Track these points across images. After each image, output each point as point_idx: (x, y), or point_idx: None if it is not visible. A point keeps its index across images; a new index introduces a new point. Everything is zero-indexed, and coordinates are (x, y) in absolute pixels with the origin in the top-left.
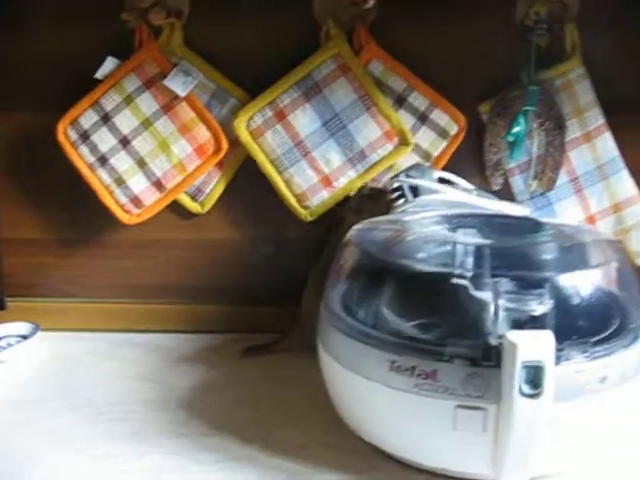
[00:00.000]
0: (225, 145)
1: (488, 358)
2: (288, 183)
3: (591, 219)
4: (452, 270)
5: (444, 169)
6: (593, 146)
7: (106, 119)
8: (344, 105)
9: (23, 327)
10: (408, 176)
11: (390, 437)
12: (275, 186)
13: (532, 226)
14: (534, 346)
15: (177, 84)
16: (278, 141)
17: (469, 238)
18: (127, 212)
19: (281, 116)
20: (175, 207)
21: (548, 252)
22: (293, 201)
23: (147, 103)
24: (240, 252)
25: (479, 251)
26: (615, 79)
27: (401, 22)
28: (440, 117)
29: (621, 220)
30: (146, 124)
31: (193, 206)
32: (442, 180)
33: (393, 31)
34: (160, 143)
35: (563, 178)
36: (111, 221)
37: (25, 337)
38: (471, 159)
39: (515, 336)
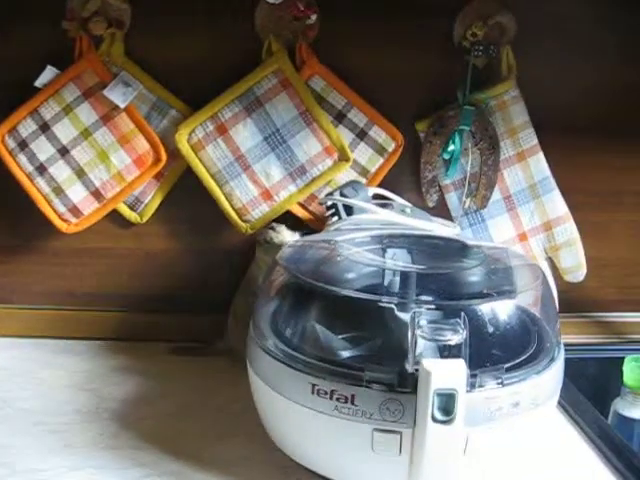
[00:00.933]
0: (164, 157)
1: (404, 384)
2: (229, 196)
3: (523, 236)
4: (374, 297)
5: (381, 185)
6: (526, 165)
7: (45, 128)
8: (285, 120)
9: None
10: (342, 194)
11: (313, 456)
12: (216, 199)
13: (459, 249)
14: (447, 375)
15: (117, 95)
16: (219, 155)
17: (395, 262)
18: (65, 221)
19: (222, 130)
20: (114, 216)
21: (469, 278)
22: (233, 214)
23: (86, 113)
24: (177, 262)
25: (404, 276)
26: (549, 101)
27: (343, 39)
28: (378, 134)
29: (552, 238)
30: (85, 134)
31: (132, 216)
32: (378, 196)
33: (334, 48)
34: (99, 153)
35: (496, 196)
36: (50, 229)
37: None
38: (408, 176)
39: (429, 364)
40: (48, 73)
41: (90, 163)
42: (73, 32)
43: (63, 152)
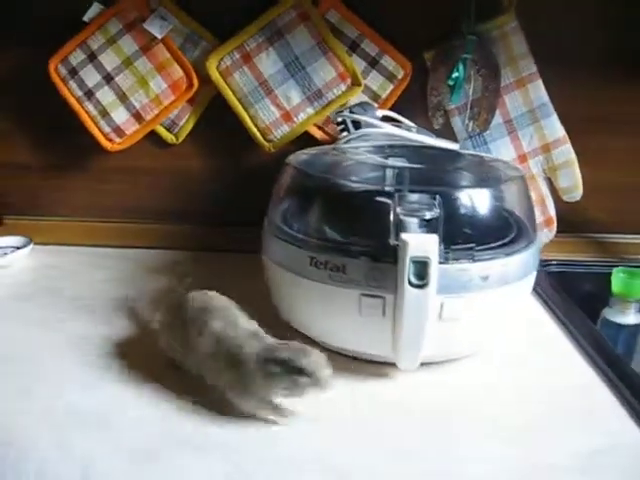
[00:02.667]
0: (196, 83)
1: (387, 255)
2: (253, 118)
3: (523, 158)
4: (364, 185)
5: (391, 109)
6: (525, 92)
7: (92, 58)
8: (303, 49)
9: (17, 240)
10: (351, 112)
11: (311, 323)
12: (242, 121)
13: (452, 156)
14: (422, 245)
15: (155, 27)
16: (245, 81)
17: (388, 161)
18: (110, 141)
19: (247, 59)
20: (153, 138)
21: (453, 174)
22: (258, 135)
23: (128, 44)
24: (209, 179)
25: (396, 171)
26: (547, 33)
27: None
28: (388, 62)
29: (550, 159)
30: (127, 63)
31: (169, 137)
32: (387, 119)
33: None
34: (139, 80)
35: (498, 120)
36: (98, 149)
37: (19, 249)
38: (416, 101)
39: (407, 237)
40: (95, 9)
41: (131, 88)
42: None
43: (108, 79)
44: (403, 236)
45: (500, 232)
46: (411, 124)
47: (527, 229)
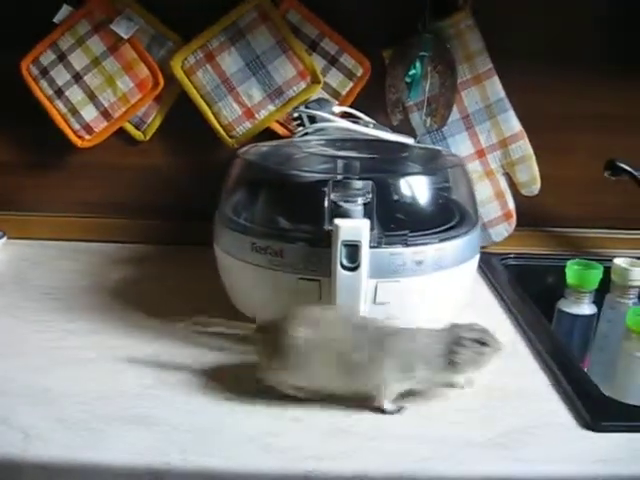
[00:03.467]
0: (162, 81)
1: (322, 240)
2: (217, 115)
3: (481, 153)
4: (304, 174)
5: (352, 106)
6: (482, 88)
7: (62, 58)
8: (264, 48)
9: None
10: (307, 108)
11: (255, 307)
12: (206, 118)
13: (401, 148)
14: (353, 229)
15: (122, 28)
16: (208, 79)
17: (331, 151)
18: (80, 137)
19: (210, 57)
20: (122, 135)
21: (397, 164)
22: (222, 131)
23: (96, 44)
24: (175, 175)
25: (340, 163)
26: (503, 30)
27: None
28: (347, 60)
29: (507, 154)
30: (95, 62)
31: (137, 134)
32: (347, 115)
33: None
34: (107, 79)
35: (455, 116)
36: (67, 146)
37: None
38: (376, 98)
39: (340, 222)
40: (64, 11)
41: (100, 87)
42: None
43: (77, 78)
44: (336, 221)
45: (439, 219)
46: (370, 120)
47: (468, 216)
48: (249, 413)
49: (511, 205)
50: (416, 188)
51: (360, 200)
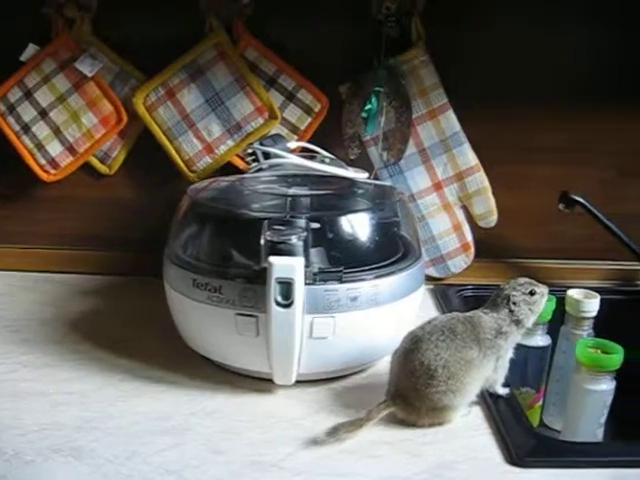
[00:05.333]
0: (125, 117)
1: (259, 277)
2: (178, 150)
3: (438, 185)
4: (246, 212)
5: (312, 141)
6: (437, 122)
7: (28, 95)
8: (223, 85)
9: None
10: (261, 144)
11: (197, 340)
12: (168, 153)
13: (349, 184)
14: (286, 267)
15: (85, 66)
16: (169, 115)
17: (282, 190)
18: (46, 172)
19: (171, 94)
20: (88, 169)
21: (337, 201)
22: (183, 166)
23: (61, 82)
24: (141, 207)
25: (286, 200)
26: (458, 64)
27: (274, 16)
28: (305, 96)
29: (464, 187)
30: (61, 99)
31: (102, 168)
32: (305, 150)
33: (267, 24)
34: (72, 115)
35: (412, 149)
36: (33, 180)
37: None
38: (334, 133)
39: (274, 259)
40: (30, 49)
41: (65, 123)
42: (51, 15)
43: (43, 114)
44: (270, 259)
45: (377, 254)
46: (328, 155)
47: (412, 252)
48: (178, 446)
49: (469, 237)
50: (354, 225)
51: (294, 238)
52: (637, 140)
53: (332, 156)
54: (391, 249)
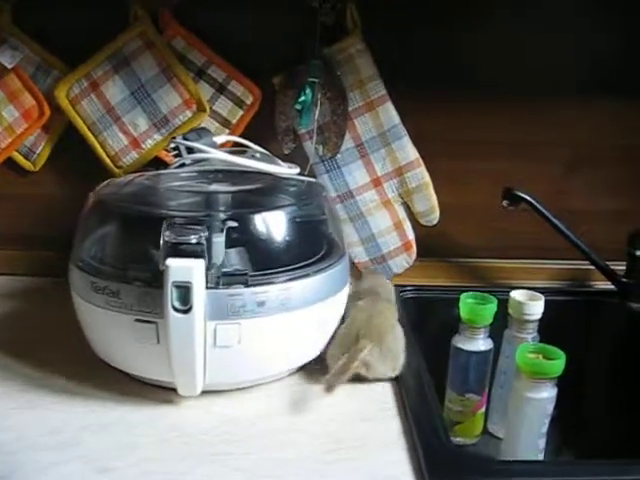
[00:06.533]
0: (47, 111)
1: (156, 280)
2: (103, 145)
3: (377, 181)
4: (145, 209)
5: (245, 134)
6: (375, 115)
7: None
8: (149, 76)
9: None
10: (185, 138)
11: (101, 347)
12: (93, 148)
13: (272, 180)
14: (183, 270)
15: (5, 58)
16: (93, 108)
17: (189, 185)
18: None
19: (95, 86)
20: (13, 165)
21: (254, 199)
22: (108, 161)
23: None
24: (68, 204)
25: (192, 197)
26: (397, 53)
27: (203, 4)
28: (236, 88)
29: (404, 183)
30: None
31: (27, 164)
32: (236, 144)
33: (195, 12)
34: None
35: (349, 144)
36: None
37: None
38: (268, 126)
39: (171, 261)
40: None
41: None
42: None
43: None
44: (167, 261)
45: (291, 256)
46: (260, 149)
47: (334, 253)
48: (59, 465)
49: (410, 235)
50: (268, 224)
51: (194, 238)
52: (586, 134)
53: (264, 151)
54: (309, 250)
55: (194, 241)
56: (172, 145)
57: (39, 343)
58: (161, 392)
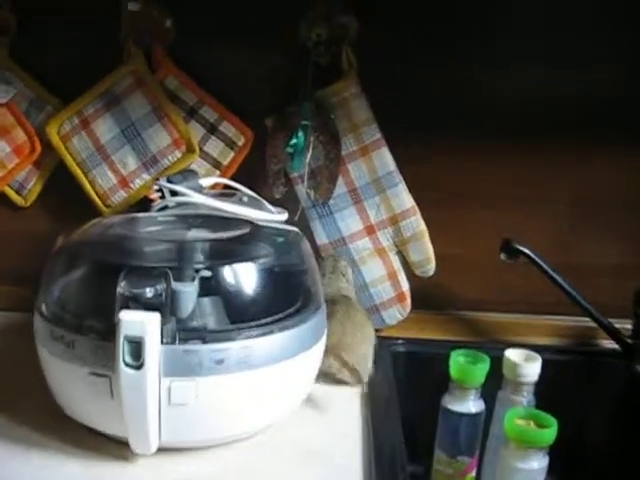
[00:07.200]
0: (38, 147)
1: (110, 333)
2: (92, 183)
3: (371, 229)
4: (107, 258)
5: (236, 176)
6: (369, 160)
7: None
8: (139, 115)
9: None
10: (169, 180)
11: (58, 397)
12: (82, 186)
13: (252, 227)
14: (134, 324)
15: None
16: (83, 146)
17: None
18: None
19: (86, 124)
20: (3, 200)
21: (224, 247)
22: (97, 200)
23: None
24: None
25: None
26: (392, 98)
27: (196, 43)
28: (228, 129)
29: (399, 231)
30: None
31: (18, 199)
32: (226, 186)
33: (189, 51)
34: None
35: (342, 189)
36: None
37: None
38: (260, 169)
39: (124, 314)
40: None
41: None
42: None
43: None
44: (121, 314)
45: (256, 310)
46: (249, 193)
47: (309, 306)
48: None
49: (405, 286)
50: (235, 276)
51: (149, 291)
52: (590, 185)
53: (254, 194)
54: (281, 303)
55: (149, 294)
56: (156, 187)
57: (10, 385)
58: (119, 447)
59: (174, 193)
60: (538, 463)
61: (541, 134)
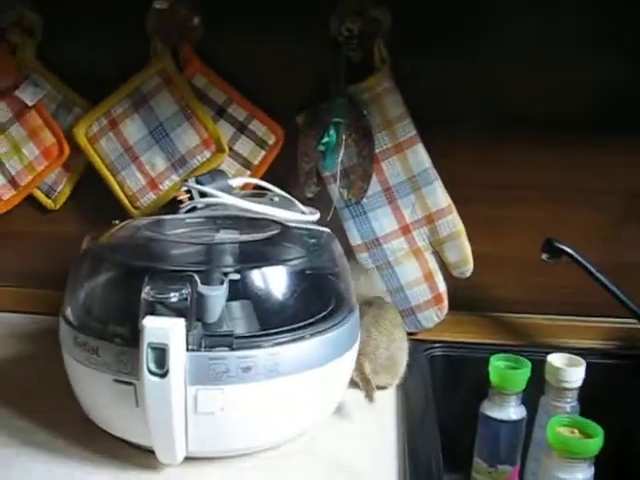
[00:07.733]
0: (67, 149)
1: (135, 339)
2: (121, 185)
3: (406, 229)
4: (134, 262)
5: (265, 177)
6: (404, 157)
7: None
8: (167, 115)
9: None
10: (198, 182)
11: (83, 403)
12: (111, 187)
13: (281, 229)
14: (158, 331)
15: (27, 95)
16: (111, 147)
17: (195, 232)
18: None
19: (114, 125)
20: (33, 203)
21: (253, 249)
22: (126, 202)
23: (2, 111)
24: None
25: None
26: (428, 93)
27: (224, 40)
28: (258, 127)
29: (435, 231)
30: (2, 129)
31: (48, 202)
32: (257, 186)
33: (217, 48)
34: (13, 146)
35: (376, 188)
36: None
37: None
38: (291, 167)
39: (147, 320)
40: None
41: (6, 155)
42: None
43: None
44: (145, 320)
45: (286, 316)
46: (280, 192)
47: (340, 312)
48: None
49: (442, 288)
50: (264, 280)
51: (174, 296)
52: (638, 180)
53: (285, 194)
54: (312, 308)
55: (174, 299)
56: (184, 188)
57: (37, 390)
58: (146, 455)
59: (203, 194)
60: (583, 474)
61: (585, 126)
